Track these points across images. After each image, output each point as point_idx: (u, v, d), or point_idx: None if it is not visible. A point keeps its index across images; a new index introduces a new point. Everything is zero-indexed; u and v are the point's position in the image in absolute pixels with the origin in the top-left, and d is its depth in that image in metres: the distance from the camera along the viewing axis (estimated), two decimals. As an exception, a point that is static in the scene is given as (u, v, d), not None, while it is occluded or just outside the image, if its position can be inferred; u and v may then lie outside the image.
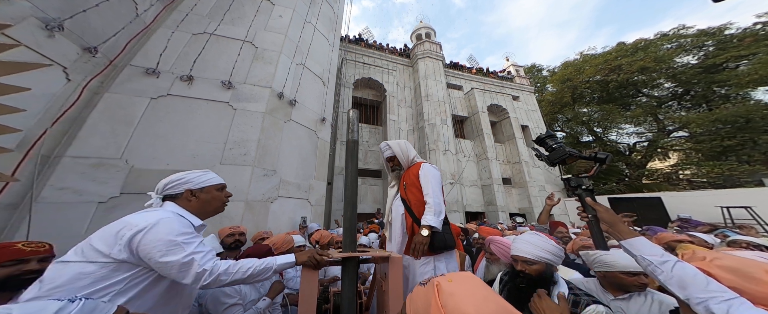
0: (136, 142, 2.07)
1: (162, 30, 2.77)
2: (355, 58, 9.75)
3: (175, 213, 0.80)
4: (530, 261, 0.91)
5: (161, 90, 2.39)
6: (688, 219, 4.44)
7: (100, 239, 0.70)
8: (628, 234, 0.69)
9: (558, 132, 15.74)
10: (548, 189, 10.02)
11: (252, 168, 2.56)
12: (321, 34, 4.88)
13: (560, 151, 0.90)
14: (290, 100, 3.47)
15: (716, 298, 0.53)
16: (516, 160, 10.09)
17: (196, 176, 0.89)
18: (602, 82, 13.26)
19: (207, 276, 0.74)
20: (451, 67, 12.44)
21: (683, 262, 0.61)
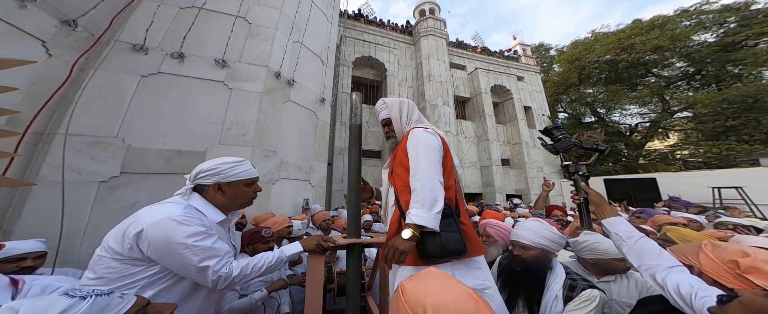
0: (131, 121, 2.00)
1: (146, 3, 2.50)
2: (355, 36, 9.05)
3: (192, 207, 0.75)
4: (527, 247, 0.92)
5: (151, 67, 2.24)
6: (677, 198, 4.47)
7: (113, 235, 0.68)
8: (610, 214, 0.77)
9: (560, 113, 15.25)
10: (546, 170, 10.02)
11: (252, 148, 2.52)
12: (318, 9, 4.44)
13: (565, 141, 0.98)
14: (288, 79, 3.28)
15: (661, 266, 0.59)
16: (516, 141, 9.93)
17: (228, 167, 0.81)
18: (612, 61, 12.37)
19: (223, 282, 0.71)
20: (455, 46, 11.58)
21: (648, 239, 0.67)
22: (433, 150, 0.86)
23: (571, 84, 13.67)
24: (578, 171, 0.92)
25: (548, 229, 0.92)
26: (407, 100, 1.05)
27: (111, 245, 0.67)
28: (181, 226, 0.68)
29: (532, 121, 11.00)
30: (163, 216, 0.68)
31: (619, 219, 0.74)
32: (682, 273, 0.56)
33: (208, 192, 0.81)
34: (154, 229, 0.66)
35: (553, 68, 16.28)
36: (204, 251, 0.69)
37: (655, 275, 0.59)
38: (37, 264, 1.10)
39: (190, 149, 2.15)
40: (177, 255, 0.67)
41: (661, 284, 0.57)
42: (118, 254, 0.66)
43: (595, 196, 0.83)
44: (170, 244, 0.66)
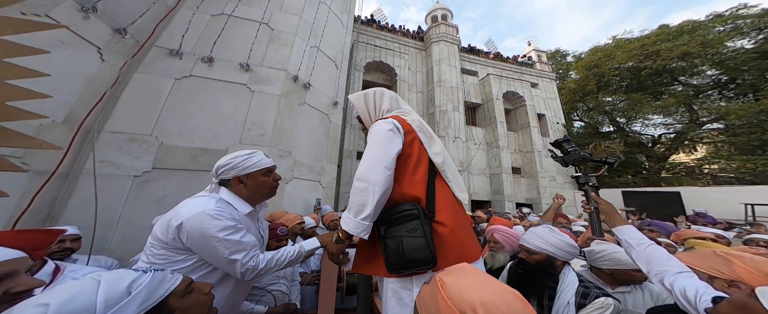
0: (164, 120, 2.19)
1: (183, 11, 2.76)
2: (367, 41, 9.32)
3: (223, 201, 0.81)
4: (532, 251, 0.96)
5: (184, 71, 2.46)
6: (703, 213, 4.23)
7: (159, 226, 0.75)
8: (619, 222, 0.81)
9: (576, 121, 14.77)
10: (559, 180, 9.70)
11: (269, 148, 2.66)
12: (335, 15, 4.66)
13: (575, 154, 1.01)
14: (304, 83, 3.45)
15: (669, 271, 0.62)
16: (528, 150, 9.71)
17: (241, 160, 0.85)
18: (634, 68, 11.93)
19: (250, 274, 0.77)
20: (466, 52, 11.63)
21: (657, 246, 0.69)
22: (380, 141, 0.73)
23: (589, 91, 13.28)
24: (588, 182, 0.95)
25: (557, 237, 0.94)
26: (374, 90, 0.92)
27: (158, 234, 0.75)
28: (214, 221, 0.73)
29: (545, 129, 10.75)
30: (199, 211, 0.74)
31: (629, 227, 0.78)
32: (689, 278, 0.59)
33: (232, 185, 0.86)
34: (192, 222, 0.72)
35: (569, 75, 15.88)
36: (233, 245, 0.74)
37: (663, 279, 0.62)
38: (74, 246, 1.24)
39: (214, 147, 2.32)
40: (210, 248, 0.72)
41: (669, 288, 0.60)
42: (164, 243, 0.73)
43: (605, 206, 0.88)
44: (205, 237, 0.72)
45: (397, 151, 0.73)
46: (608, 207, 0.87)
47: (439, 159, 0.79)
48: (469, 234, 0.74)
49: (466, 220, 0.78)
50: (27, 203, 1.46)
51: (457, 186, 0.79)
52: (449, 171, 0.80)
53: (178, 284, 0.51)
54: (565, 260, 0.94)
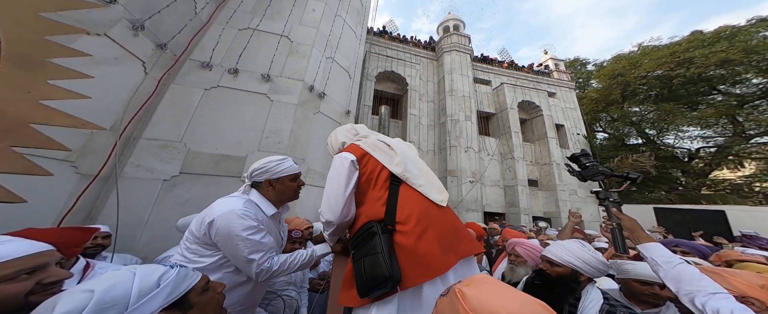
0: (192, 128, 2.40)
1: (214, 26, 3.07)
2: (379, 51, 9.67)
3: (251, 202, 0.88)
4: (555, 263, 0.93)
5: (213, 82, 2.69)
6: (753, 235, 3.77)
7: (195, 222, 0.83)
8: (644, 239, 0.77)
9: (599, 132, 14.04)
10: (580, 193, 9.16)
11: (285, 155, 2.79)
12: (349, 27, 4.93)
13: (593, 169, 0.98)
14: (320, 92, 3.62)
15: (702, 292, 0.59)
16: (546, 162, 9.33)
17: (275, 165, 0.95)
18: (664, 77, 11.28)
19: (264, 275, 0.83)
20: (479, 61, 11.68)
21: (687, 265, 0.66)
22: (332, 178, 0.79)
23: (613, 101, 12.67)
24: (609, 197, 0.92)
25: (587, 251, 0.91)
26: (334, 131, 1.03)
27: (193, 230, 0.82)
28: (239, 220, 0.79)
29: (564, 140, 10.33)
30: (228, 210, 0.81)
31: (656, 244, 0.74)
32: (724, 300, 0.56)
33: (262, 188, 0.94)
34: (221, 220, 0.79)
35: (590, 84, 15.33)
36: (253, 244, 0.80)
37: (695, 299, 0.59)
38: (105, 243, 1.36)
39: (234, 154, 2.47)
40: (233, 245, 0.78)
41: (701, 309, 0.57)
42: (197, 238, 0.81)
43: (628, 222, 0.84)
44: (230, 235, 0.78)
45: (350, 181, 0.78)
46: (631, 223, 0.83)
47: (399, 169, 0.80)
48: (441, 240, 0.67)
49: (443, 223, 0.72)
50: (72, 203, 1.62)
51: (433, 189, 0.78)
52: (417, 177, 0.80)
53: (197, 281, 0.56)
54: (592, 276, 0.91)
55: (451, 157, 8.31)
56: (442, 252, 0.65)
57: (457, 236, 0.72)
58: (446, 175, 8.17)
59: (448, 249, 0.67)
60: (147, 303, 0.45)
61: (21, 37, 0.26)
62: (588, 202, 9.02)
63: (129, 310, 0.43)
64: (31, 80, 0.27)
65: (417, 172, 0.81)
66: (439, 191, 0.79)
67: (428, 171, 0.85)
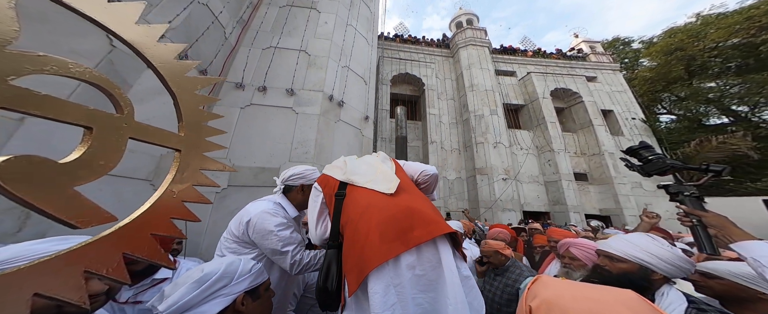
0: (234, 145, 2.74)
1: (242, 49, 3.50)
2: (392, 55, 9.96)
3: (278, 204, 1.01)
4: (616, 258, 0.82)
5: (246, 100, 3.04)
6: None
7: (234, 223, 0.97)
8: (740, 236, 0.68)
9: (663, 114, 12.43)
10: (647, 186, 8.02)
11: (312, 164, 2.97)
12: (361, 35, 5.22)
13: (657, 162, 0.89)
14: (339, 101, 3.84)
15: None
16: (594, 152, 8.50)
17: (310, 172, 1.10)
18: (745, 45, 9.79)
19: (297, 266, 0.93)
20: (499, 52, 11.37)
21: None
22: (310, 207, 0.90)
23: (675, 78, 11.27)
24: (683, 191, 0.84)
25: (659, 245, 0.79)
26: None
27: (232, 230, 0.96)
28: (272, 217, 0.93)
29: (615, 126, 9.35)
30: (261, 210, 0.95)
31: (758, 242, 0.64)
32: None
33: (293, 192, 1.07)
34: (257, 218, 0.92)
35: (640, 63, 13.91)
36: (286, 238, 0.92)
37: None
38: (179, 248, 1.60)
39: (269, 166, 2.74)
40: (268, 240, 0.91)
41: None
42: (236, 237, 0.95)
43: (714, 218, 0.75)
44: (265, 231, 0.91)
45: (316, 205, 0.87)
46: (718, 219, 0.74)
47: (343, 175, 0.85)
48: (383, 228, 0.67)
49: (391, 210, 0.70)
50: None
51: (381, 182, 0.79)
52: (360, 175, 0.84)
53: (266, 279, 0.73)
54: (668, 275, 0.77)
55: (478, 154, 8.00)
56: (381, 241, 0.65)
57: (409, 222, 0.68)
58: (475, 174, 7.84)
59: (393, 238, 0.65)
60: (242, 282, 0.64)
61: (189, 108, 0.43)
62: (659, 196, 7.76)
63: (232, 283, 0.63)
64: (197, 139, 0.43)
65: (365, 171, 0.86)
66: (389, 180, 0.79)
67: (384, 170, 0.86)
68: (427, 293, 0.63)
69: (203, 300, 0.58)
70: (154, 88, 1.88)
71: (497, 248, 1.45)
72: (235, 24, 3.49)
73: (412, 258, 0.64)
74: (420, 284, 0.63)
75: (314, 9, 4.51)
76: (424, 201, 0.80)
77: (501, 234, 1.92)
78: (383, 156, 1.00)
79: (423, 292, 0.63)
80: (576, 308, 0.33)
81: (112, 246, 0.32)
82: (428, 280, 0.64)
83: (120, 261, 0.32)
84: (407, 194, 0.79)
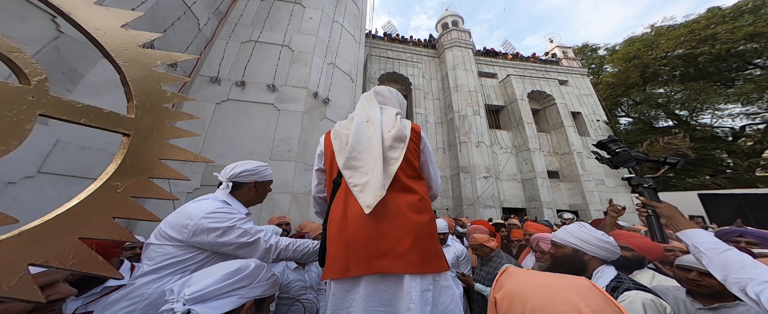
0: (208, 142, 2.55)
1: (218, 41, 3.29)
2: (379, 54, 9.91)
3: (223, 202, 0.89)
4: (559, 245, 0.99)
5: (222, 96, 2.87)
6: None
7: (171, 226, 0.82)
8: (685, 225, 0.75)
9: (622, 117, 13.59)
10: (609, 183, 8.78)
11: (295, 163, 2.88)
12: (347, 32, 5.12)
13: (624, 155, 0.97)
14: (324, 98, 3.75)
15: (755, 280, 0.56)
16: (565, 151, 9.08)
17: (263, 169, 1.01)
18: (687, 56, 10.96)
19: (274, 250, 0.86)
20: (482, 55, 11.72)
21: (737, 251, 0.64)
22: None
23: (633, 84, 12.34)
24: (642, 183, 0.90)
25: (585, 230, 0.95)
26: None
27: (171, 234, 0.80)
28: (229, 215, 0.83)
29: (583, 127, 10.05)
30: (214, 208, 0.83)
31: (698, 230, 0.72)
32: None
33: (243, 189, 0.96)
34: (210, 217, 0.80)
35: (604, 69, 15.03)
36: (251, 229, 0.84)
37: (746, 288, 0.56)
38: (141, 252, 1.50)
39: None
40: (230, 235, 0.80)
41: (755, 298, 0.54)
42: (179, 241, 0.79)
43: (665, 209, 0.82)
44: (223, 227, 0.80)
45: (317, 164, 0.95)
46: (668, 210, 0.81)
47: (341, 149, 0.82)
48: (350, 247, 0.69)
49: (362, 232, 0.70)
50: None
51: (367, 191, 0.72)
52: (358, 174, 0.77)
53: (273, 294, 0.70)
54: (598, 257, 0.91)
55: (462, 154, 8.24)
56: (348, 259, 0.68)
57: (381, 247, 0.68)
58: (459, 172, 8.08)
59: (358, 259, 0.68)
60: (258, 287, 0.63)
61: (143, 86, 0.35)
62: (619, 191, 8.61)
63: (252, 284, 0.63)
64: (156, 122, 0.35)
65: (362, 164, 0.78)
66: (372, 194, 0.71)
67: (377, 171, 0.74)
68: (387, 307, 0.67)
69: (223, 295, 0.57)
70: (112, 80, 1.72)
71: (482, 241, 1.64)
72: (211, 15, 3.28)
73: (374, 279, 0.68)
74: (380, 299, 0.67)
75: (298, 4, 4.35)
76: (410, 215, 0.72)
77: (478, 230, 2.00)
78: (399, 130, 0.81)
79: (383, 306, 0.67)
80: (534, 295, 0.36)
81: (12, 256, 0.24)
82: (389, 297, 0.68)
83: (23, 275, 0.24)
84: (395, 204, 0.73)
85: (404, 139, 0.80)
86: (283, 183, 2.74)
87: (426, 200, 0.78)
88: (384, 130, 0.82)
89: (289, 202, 2.69)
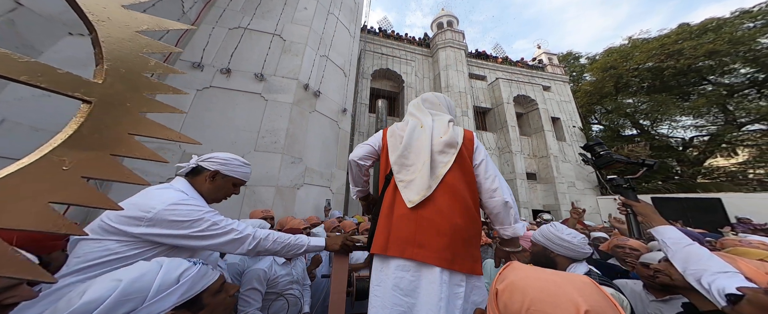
0: (187, 129, 2.38)
1: (203, 26, 3.05)
2: (374, 49, 9.71)
3: (180, 191, 0.78)
4: (533, 242, 1.09)
5: (205, 82, 2.68)
6: (747, 220, 4.00)
7: (120, 218, 0.69)
8: (658, 222, 0.80)
9: (594, 124, 14.43)
10: (579, 185, 9.36)
11: (281, 155, 2.79)
12: (343, 25, 4.96)
13: (607, 157, 1.05)
14: (315, 91, 3.63)
15: (708, 271, 0.59)
16: (543, 154, 9.51)
17: (237, 165, 0.87)
18: (656, 69, 11.72)
19: (251, 242, 0.77)
20: (474, 57, 11.85)
21: (699, 246, 0.68)
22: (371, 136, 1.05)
23: (607, 93, 13.06)
24: (621, 184, 0.97)
25: (553, 232, 1.01)
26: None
27: (120, 228, 0.68)
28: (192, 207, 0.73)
29: (561, 133, 10.56)
30: (175, 199, 0.72)
31: (669, 227, 0.78)
32: (731, 278, 0.57)
33: (201, 176, 0.83)
34: (169, 213, 0.69)
35: (584, 77, 15.76)
36: (222, 221, 0.75)
37: (701, 278, 0.60)
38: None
39: None
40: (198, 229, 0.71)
41: (706, 288, 0.58)
42: (130, 236, 0.68)
43: (641, 207, 0.89)
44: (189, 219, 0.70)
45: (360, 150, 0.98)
46: (644, 208, 0.87)
47: (396, 147, 0.89)
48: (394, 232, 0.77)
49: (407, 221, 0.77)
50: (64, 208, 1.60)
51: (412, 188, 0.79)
52: (406, 172, 0.84)
53: (213, 281, 0.54)
54: (563, 255, 0.97)
55: (449, 154, 8.40)
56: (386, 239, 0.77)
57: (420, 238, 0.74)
58: (446, 173, 8.25)
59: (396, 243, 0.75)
60: (163, 300, 0.44)
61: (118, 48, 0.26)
62: (587, 194, 9.23)
63: (145, 304, 0.43)
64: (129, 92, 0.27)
65: (411, 163, 0.85)
66: (417, 192, 0.78)
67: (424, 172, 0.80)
68: (408, 297, 0.71)
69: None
70: (78, 58, 1.54)
71: None
72: None
73: (404, 266, 0.73)
74: (406, 286, 0.71)
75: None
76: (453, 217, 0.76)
77: None
78: (451, 137, 0.85)
79: (405, 296, 0.71)
80: (534, 287, 0.36)
81: None
82: (413, 287, 0.72)
83: None
84: (440, 204, 0.77)
85: (456, 145, 0.85)
86: (267, 175, 2.64)
87: (471, 206, 0.81)
88: (435, 135, 0.88)
89: (274, 196, 2.60)
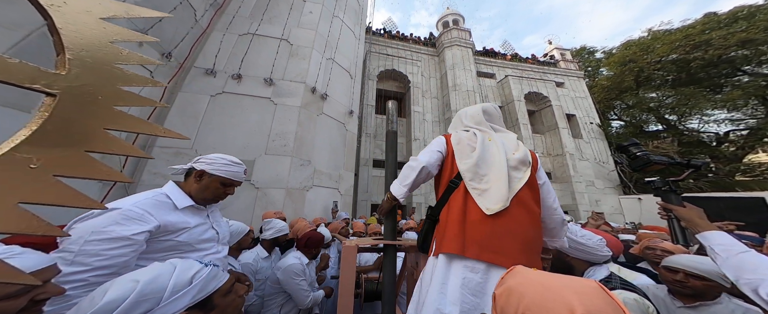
0: (202, 134, 2.47)
1: (215, 33, 3.15)
2: (379, 50, 9.70)
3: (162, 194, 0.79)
4: (547, 250, 1.02)
5: (217, 88, 2.76)
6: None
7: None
8: (705, 228, 0.72)
9: (614, 120, 13.62)
10: (598, 184, 8.85)
11: (291, 158, 2.81)
12: (348, 27, 4.97)
13: (644, 158, 0.95)
14: (322, 94, 3.66)
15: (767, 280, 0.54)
16: (558, 153, 9.08)
17: (222, 164, 0.86)
18: (681, 61, 10.87)
19: None
20: (482, 55, 11.55)
21: (755, 252, 0.62)
22: (427, 148, 1.01)
23: (626, 88, 12.28)
24: (662, 186, 0.87)
25: (568, 235, 0.97)
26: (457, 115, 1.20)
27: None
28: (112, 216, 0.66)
29: (577, 130, 10.05)
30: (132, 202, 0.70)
31: (719, 232, 0.69)
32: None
33: (190, 177, 0.86)
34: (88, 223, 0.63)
35: (600, 72, 14.94)
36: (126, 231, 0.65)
37: (758, 288, 0.54)
38: None
39: (242, 158, 2.48)
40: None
41: (766, 299, 0.53)
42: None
43: (685, 212, 0.79)
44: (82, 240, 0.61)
45: (432, 157, 0.94)
46: (688, 212, 0.78)
47: (468, 156, 0.90)
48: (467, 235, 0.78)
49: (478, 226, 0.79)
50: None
51: (489, 197, 0.81)
52: (481, 181, 0.85)
53: (224, 282, 0.55)
54: (577, 257, 0.94)
55: (458, 154, 8.21)
56: (462, 242, 0.77)
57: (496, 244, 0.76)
58: (454, 173, 8.07)
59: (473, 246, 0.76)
60: (177, 301, 0.46)
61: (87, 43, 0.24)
62: (607, 193, 8.70)
63: (160, 305, 0.44)
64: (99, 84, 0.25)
65: (484, 173, 0.86)
66: (495, 202, 0.80)
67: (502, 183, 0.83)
68: (474, 297, 0.73)
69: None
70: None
71: None
72: (208, 6, 3.13)
73: (474, 267, 0.75)
74: (470, 286, 0.74)
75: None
76: (527, 228, 0.80)
77: None
78: (524, 154, 0.90)
79: (473, 295, 0.73)
80: (531, 291, 0.35)
81: None
82: (481, 288, 0.74)
83: None
84: (514, 217, 0.80)
85: (528, 163, 0.90)
86: (278, 178, 2.68)
87: (538, 220, 0.87)
88: (508, 150, 0.92)
89: (284, 198, 2.63)
